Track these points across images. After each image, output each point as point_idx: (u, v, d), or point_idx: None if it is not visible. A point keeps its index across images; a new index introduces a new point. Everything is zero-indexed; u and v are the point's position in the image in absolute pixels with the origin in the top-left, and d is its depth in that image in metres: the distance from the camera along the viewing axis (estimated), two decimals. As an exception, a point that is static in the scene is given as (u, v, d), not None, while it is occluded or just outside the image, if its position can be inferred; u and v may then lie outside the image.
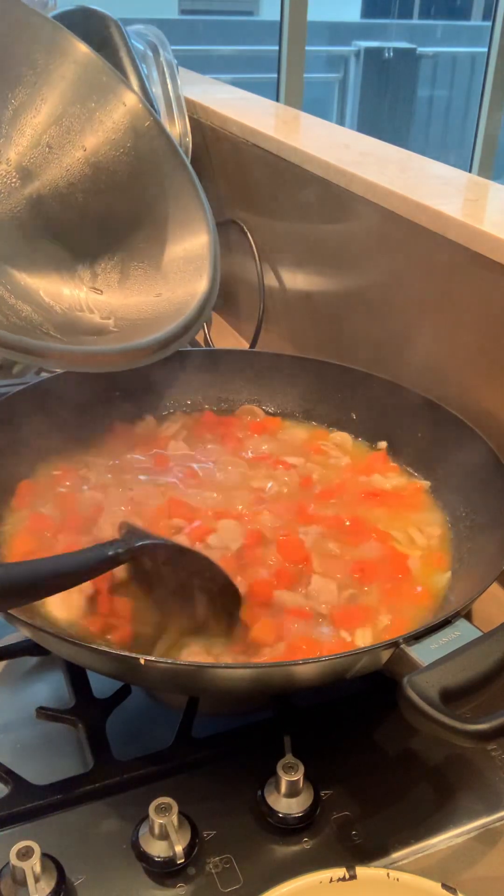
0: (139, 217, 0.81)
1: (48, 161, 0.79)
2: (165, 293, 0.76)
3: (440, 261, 0.79)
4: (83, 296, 0.76)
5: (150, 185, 0.82)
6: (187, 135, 1.08)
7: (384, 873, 0.47)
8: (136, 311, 0.76)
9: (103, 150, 0.81)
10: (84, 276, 0.77)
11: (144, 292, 0.77)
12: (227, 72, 3.55)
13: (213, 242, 0.79)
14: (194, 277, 0.77)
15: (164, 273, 0.78)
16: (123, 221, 0.80)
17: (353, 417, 0.85)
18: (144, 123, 0.82)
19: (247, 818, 0.54)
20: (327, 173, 0.92)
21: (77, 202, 0.79)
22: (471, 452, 0.73)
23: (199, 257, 0.78)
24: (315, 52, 4.10)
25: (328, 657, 0.52)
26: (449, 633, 0.53)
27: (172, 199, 0.81)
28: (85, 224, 0.79)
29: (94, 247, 0.79)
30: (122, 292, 0.77)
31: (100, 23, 1.04)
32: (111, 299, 0.77)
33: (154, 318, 0.74)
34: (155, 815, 0.50)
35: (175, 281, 0.77)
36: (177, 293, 0.76)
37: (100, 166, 0.80)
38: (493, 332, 0.75)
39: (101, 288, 0.77)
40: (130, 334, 0.72)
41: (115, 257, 0.79)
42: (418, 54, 4.60)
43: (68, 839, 0.53)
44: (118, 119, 0.82)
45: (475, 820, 0.55)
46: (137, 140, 0.82)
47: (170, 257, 0.79)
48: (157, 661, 0.53)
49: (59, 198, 0.79)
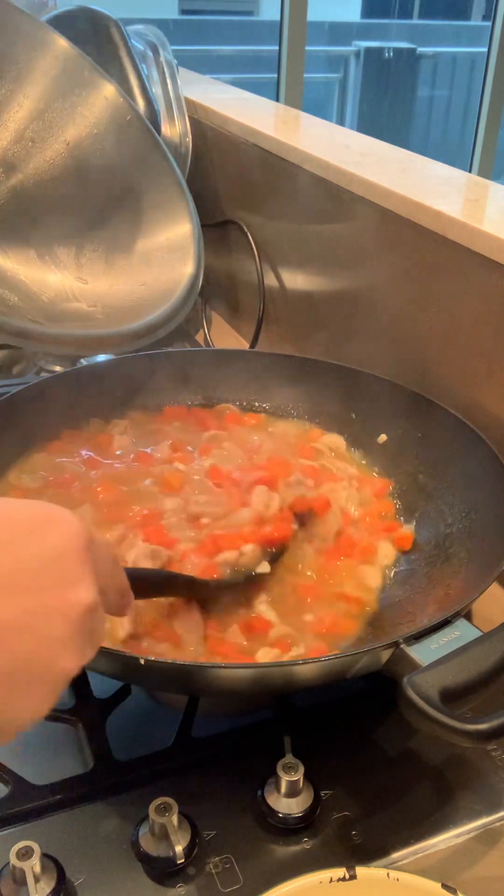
0: (122, 208, 0.81)
1: (31, 154, 0.80)
2: (150, 280, 0.77)
3: (440, 261, 0.79)
4: (68, 284, 0.76)
5: (132, 177, 0.83)
6: (187, 135, 1.08)
7: (384, 873, 0.47)
8: (122, 298, 0.76)
9: (86, 143, 0.81)
10: (69, 265, 0.78)
11: (129, 280, 0.78)
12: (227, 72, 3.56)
13: (196, 231, 0.79)
14: (179, 263, 0.78)
15: (148, 261, 0.79)
16: (106, 212, 0.81)
17: (352, 417, 0.85)
18: (126, 117, 0.83)
19: (247, 818, 0.54)
20: (327, 173, 0.92)
21: (60, 193, 0.80)
22: (470, 452, 0.73)
23: (183, 245, 0.79)
24: (315, 52, 4.10)
25: (328, 657, 0.52)
26: (449, 633, 0.53)
27: (155, 190, 0.82)
28: (68, 214, 0.80)
29: (77, 237, 0.79)
30: (107, 280, 0.78)
31: (100, 23, 1.04)
32: (97, 287, 0.77)
33: (141, 303, 0.75)
34: (155, 815, 0.50)
35: (159, 268, 0.78)
36: (161, 279, 0.77)
37: (82, 159, 0.81)
38: (493, 332, 0.75)
39: (87, 277, 0.78)
40: (117, 321, 0.72)
41: (100, 247, 0.79)
42: (418, 54, 4.60)
43: (68, 839, 0.53)
44: (100, 113, 0.83)
45: (475, 820, 0.55)
46: (119, 133, 0.83)
47: (153, 246, 0.80)
48: (157, 661, 0.53)
49: (43, 189, 0.80)
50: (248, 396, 0.89)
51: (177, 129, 1.08)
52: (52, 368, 0.99)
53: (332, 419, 0.86)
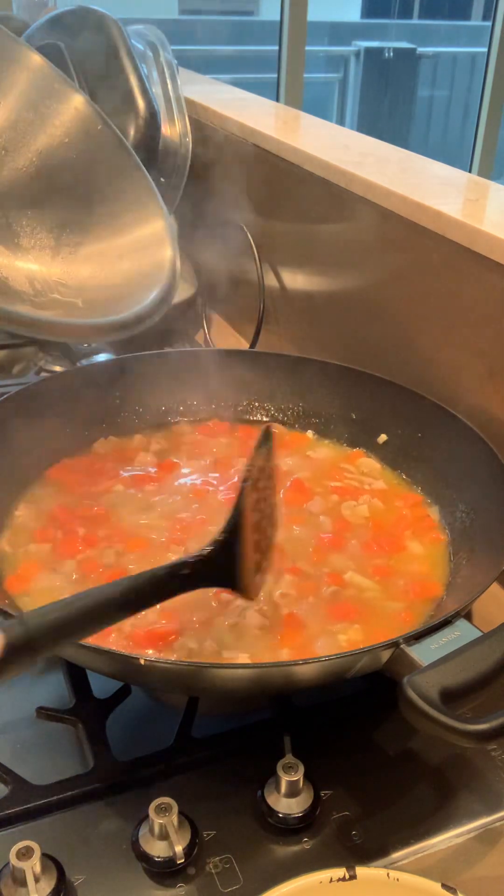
0: (94, 209, 0.84)
1: (3, 162, 0.81)
2: (128, 274, 0.79)
3: (440, 261, 0.79)
4: (47, 279, 0.78)
5: (103, 181, 0.85)
6: (187, 135, 1.08)
7: (384, 873, 0.47)
8: (102, 291, 0.78)
9: (57, 151, 0.85)
10: (45, 261, 0.80)
11: (107, 275, 0.80)
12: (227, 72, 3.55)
13: (169, 226, 0.82)
14: (157, 249, 0.80)
15: (124, 256, 0.81)
16: (79, 213, 0.84)
17: (352, 417, 0.85)
18: (96, 126, 0.87)
19: (247, 818, 0.54)
20: (327, 173, 0.92)
21: (32, 196, 0.82)
22: (470, 452, 0.73)
23: (158, 239, 0.81)
24: (315, 52, 4.10)
25: (328, 657, 0.52)
26: (449, 633, 0.53)
27: (126, 192, 0.86)
28: (41, 216, 0.82)
29: (52, 236, 0.81)
30: (85, 275, 0.80)
31: (100, 23, 1.04)
32: (75, 281, 0.79)
33: (122, 296, 0.76)
34: (155, 815, 0.50)
35: (136, 262, 0.80)
36: (140, 273, 0.79)
37: (54, 165, 0.84)
38: (493, 332, 0.75)
39: (64, 273, 0.80)
40: (100, 314, 0.73)
41: (75, 245, 0.82)
42: (418, 54, 4.60)
43: (68, 839, 0.53)
44: (70, 122, 0.86)
45: (475, 820, 0.55)
46: (89, 142, 0.86)
47: (128, 243, 0.83)
48: (157, 661, 0.53)
49: (15, 192, 0.82)
50: (247, 397, 0.89)
51: (177, 129, 1.08)
52: (51, 368, 0.99)
53: (333, 419, 0.86)
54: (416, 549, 0.72)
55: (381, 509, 0.76)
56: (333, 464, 0.82)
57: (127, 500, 0.75)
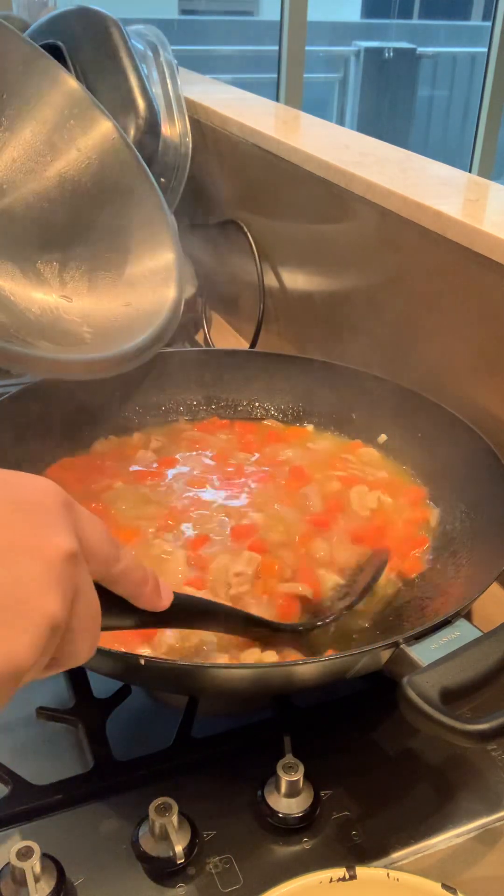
0: (107, 234, 0.86)
1: (24, 183, 0.83)
2: (134, 302, 0.80)
3: (440, 261, 0.79)
4: (54, 302, 0.79)
5: (120, 207, 0.87)
6: (187, 135, 1.08)
7: (384, 873, 0.47)
8: (108, 317, 0.79)
9: (78, 174, 0.86)
10: (53, 284, 0.81)
11: (114, 301, 0.81)
12: (227, 72, 3.56)
13: (177, 261, 0.82)
14: (162, 286, 0.82)
15: (132, 284, 0.82)
16: (92, 238, 0.86)
17: (352, 417, 0.85)
18: (121, 154, 0.88)
19: (247, 818, 0.54)
20: (327, 173, 0.92)
21: (49, 218, 0.84)
22: (470, 452, 0.73)
23: (166, 270, 0.82)
24: (315, 52, 4.10)
25: (328, 657, 0.52)
26: (449, 633, 0.53)
27: (141, 221, 0.86)
28: (54, 237, 0.83)
29: (61, 258, 0.83)
30: (91, 300, 0.82)
31: (100, 23, 1.04)
32: (81, 306, 0.80)
33: (125, 325, 0.77)
34: (155, 815, 0.50)
35: (142, 292, 0.81)
36: (145, 302, 0.80)
37: (73, 189, 0.85)
38: (492, 332, 0.75)
39: (71, 296, 0.80)
40: (103, 343, 0.74)
41: (84, 269, 0.83)
42: (418, 54, 4.60)
43: (68, 839, 0.53)
44: (95, 147, 0.87)
45: (475, 820, 0.55)
46: (112, 167, 0.87)
47: (137, 271, 0.84)
48: (157, 660, 0.53)
49: (30, 213, 0.83)
50: (248, 396, 0.89)
51: (177, 129, 1.08)
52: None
53: (333, 419, 0.86)
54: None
55: (389, 503, 0.76)
56: (334, 454, 0.83)
57: (126, 496, 0.75)
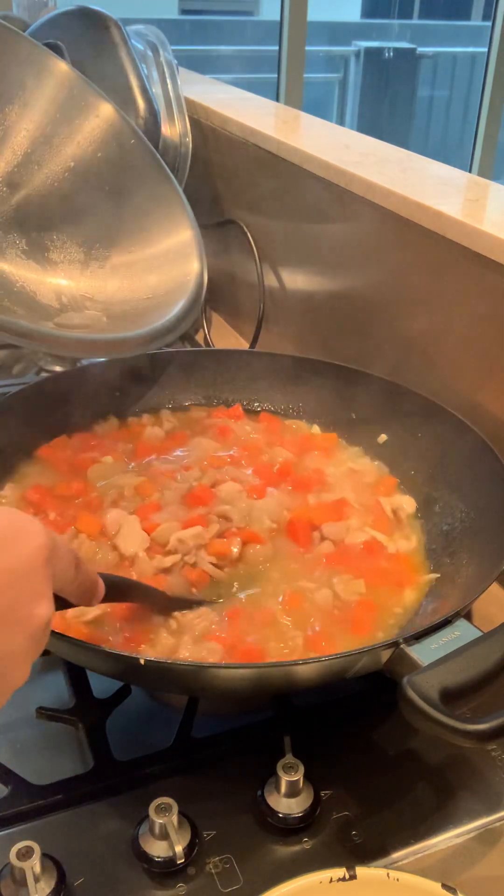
0: (124, 220, 0.85)
1: (35, 175, 0.83)
2: (155, 287, 0.80)
3: (440, 261, 0.79)
4: (73, 293, 0.78)
5: (133, 193, 0.86)
6: (187, 135, 1.08)
7: (384, 873, 0.47)
8: (127, 305, 0.79)
9: (89, 163, 0.86)
10: (73, 275, 0.80)
11: (134, 288, 0.80)
12: (227, 72, 3.56)
13: (196, 237, 0.82)
14: (185, 262, 0.81)
15: (152, 269, 0.82)
16: (108, 225, 0.84)
17: (352, 417, 0.85)
18: (130, 140, 0.87)
19: (247, 818, 0.54)
20: (327, 173, 0.92)
21: (63, 209, 0.83)
22: (470, 452, 0.73)
23: (186, 250, 0.82)
24: (315, 52, 4.10)
25: (328, 657, 0.52)
26: (449, 633, 0.53)
27: (156, 204, 0.86)
28: (71, 228, 0.83)
29: (80, 249, 0.82)
30: (112, 289, 0.81)
31: (100, 23, 1.04)
32: (101, 296, 0.79)
33: (147, 311, 0.77)
34: (155, 815, 0.50)
35: (163, 274, 0.80)
36: (166, 285, 0.79)
37: (85, 178, 0.85)
38: (492, 332, 0.75)
39: (91, 286, 0.80)
40: (122, 328, 0.74)
41: (103, 258, 0.82)
42: (418, 54, 4.60)
43: (68, 839, 0.53)
44: (102, 135, 0.86)
45: (475, 820, 0.55)
46: (122, 153, 0.86)
47: (156, 254, 0.83)
48: (157, 661, 0.53)
49: (46, 205, 0.82)
50: (248, 396, 0.89)
51: (177, 129, 1.08)
52: (51, 368, 0.99)
53: (332, 419, 0.86)
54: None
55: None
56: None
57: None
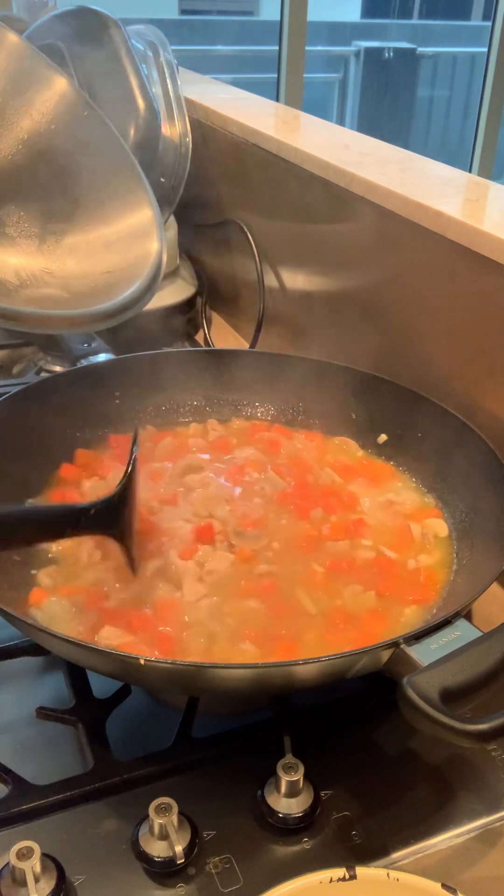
0: (81, 197, 0.82)
1: None
2: (114, 264, 0.78)
3: (440, 261, 0.79)
4: (31, 269, 0.77)
5: (90, 168, 0.83)
6: (187, 135, 1.08)
7: (384, 873, 0.47)
8: (87, 282, 0.77)
9: (43, 137, 0.82)
10: (30, 251, 0.79)
11: (93, 265, 0.79)
12: (227, 72, 3.55)
13: (156, 215, 0.80)
14: (143, 241, 0.79)
15: (110, 247, 0.80)
16: (67, 202, 0.82)
17: (352, 417, 0.85)
18: (84, 112, 0.84)
19: (247, 818, 0.54)
20: (327, 173, 0.92)
21: (17, 184, 0.80)
22: (470, 452, 0.73)
23: (145, 229, 0.80)
24: (315, 52, 4.10)
25: (328, 657, 0.52)
26: (449, 633, 0.53)
27: (113, 180, 0.83)
28: (26, 203, 0.81)
29: (37, 225, 0.80)
30: (70, 265, 0.79)
31: (100, 23, 1.04)
32: (61, 272, 0.78)
33: (108, 287, 0.76)
34: (155, 815, 0.50)
35: (122, 252, 0.79)
36: (125, 263, 0.78)
37: (40, 152, 0.82)
38: (493, 332, 0.75)
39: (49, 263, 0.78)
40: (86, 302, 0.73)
41: (61, 234, 0.80)
42: (418, 54, 4.60)
43: (68, 839, 0.53)
44: (56, 108, 0.83)
45: (475, 820, 0.55)
46: (77, 127, 0.83)
47: (115, 232, 0.81)
48: (157, 661, 0.53)
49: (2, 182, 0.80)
50: (248, 397, 0.89)
51: (177, 129, 1.08)
52: (51, 368, 0.99)
53: (333, 419, 0.86)
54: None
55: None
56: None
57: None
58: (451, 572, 0.69)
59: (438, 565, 0.70)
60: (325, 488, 0.77)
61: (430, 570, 0.69)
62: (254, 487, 0.76)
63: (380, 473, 0.81)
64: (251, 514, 0.72)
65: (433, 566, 0.70)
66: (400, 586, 0.68)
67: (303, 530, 0.72)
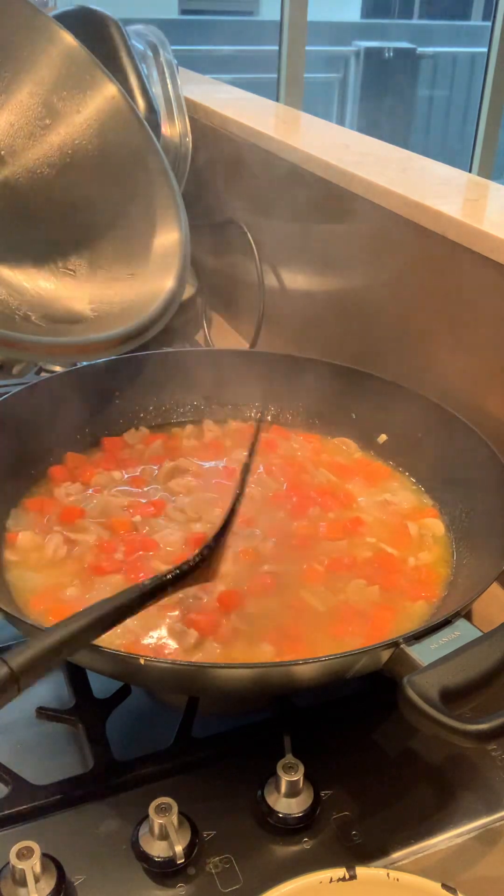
0: (114, 209, 0.81)
1: (26, 149, 0.79)
2: (136, 285, 0.77)
3: (440, 261, 0.79)
4: (57, 279, 0.76)
5: (126, 180, 0.82)
6: (187, 135, 1.08)
7: (384, 873, 0.47)
8: (110, 299, 0.76)
9: (84, 142, 0.81)
10: (56, 260, 0.77)
11: (117, 282, 0.77)
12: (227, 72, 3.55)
13: (183, 240, 0.79)
14: (163, 273, 0.78)
15: (135, 265, 0.78)
16: (98, 211, 0.81)
17: (352, 417, 0.85)
18: (128, 120, 0.83)
19: (247, 818, 0.54)
20: (327, 173, 0.92)
21: (52, 189, 0.79)
22: (471, 452, 0.73)
23: (170, 253, 0.79)
24: (315, 52, 4.09)
25: (328, 657, 0.52)
26: (449, 633, 0.53)
27: (149, 195, 0.82)
28: (59, 210, 0.79)
29: (67, 233, 0.79)
30: (96, 279, 0.78)
31: (100, 23, 1.04)
32: (85, 284, 0.77)
33: (129, 307, 0.75)
34: (155, 815, 0.50)
35: (145, 273, 0.78)
36: (146, 286, 0.76)
37: (78, 157, 0.80)
38: (493, 332, 0.75)
39: (74, 273, 0.77)
40: (104, 322, 0.72)
41: (89, 245, 0.79)
42: (418, 54, 4.60)
43: (68, 839, 0.53)
44: (100, 114, 0.82)
45: (475, 820, 0.55)
46: (119, 135, 0.82)
47: (141, 250, 0.79)
48: (157, 661, 0.53)
49: (34, 184, 0.79)
50: (247, 397, 0.89)
51: (177, 129, 1.08)
52: (51, 368, 0.99)
53: (332, 419, 0.86)
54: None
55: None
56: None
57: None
58: (451, 570, 0.69)
59: (439, 563, 0.70)
60: (321, 487, 0.78)
61: (430, 567, 0.69)
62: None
63: (377, 473, 0.81)
64: (243, 513, 0.72)
65: (433, 563, 0.70)
66: (403, 581, 0.68)
67: (298, 529, 0.72)
